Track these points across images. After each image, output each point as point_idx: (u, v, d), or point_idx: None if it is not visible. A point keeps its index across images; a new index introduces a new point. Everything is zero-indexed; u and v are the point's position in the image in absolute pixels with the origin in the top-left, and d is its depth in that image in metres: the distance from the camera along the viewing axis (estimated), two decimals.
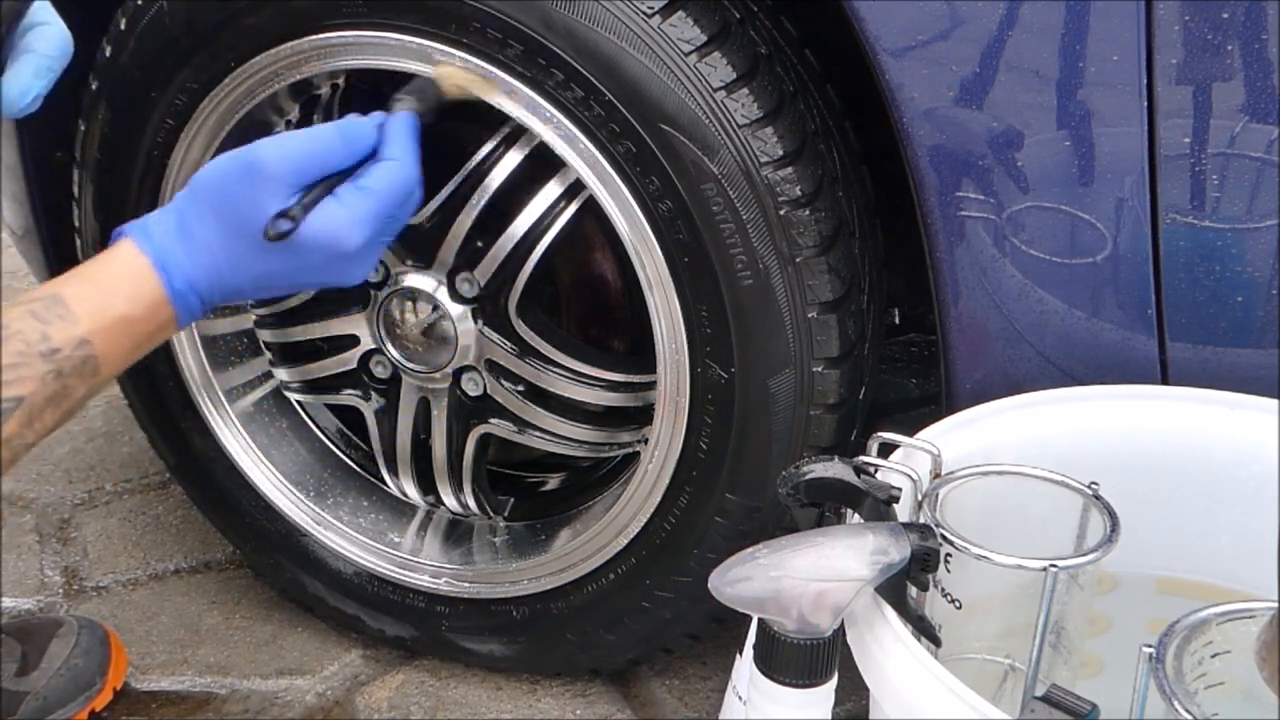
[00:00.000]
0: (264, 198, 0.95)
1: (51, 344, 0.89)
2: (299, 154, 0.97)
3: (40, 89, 1.03)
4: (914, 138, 1.03)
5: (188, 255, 0.96)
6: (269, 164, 0.96)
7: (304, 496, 1.44)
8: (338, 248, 0.97)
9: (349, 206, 0.97)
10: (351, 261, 1.00)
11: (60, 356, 0.89)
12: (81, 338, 0.91)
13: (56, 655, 1.38)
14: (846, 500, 0.92)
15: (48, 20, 1.04)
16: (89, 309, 0.92)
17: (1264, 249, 1.00)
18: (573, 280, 1.33)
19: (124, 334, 0.93)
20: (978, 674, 0.99)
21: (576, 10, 1.08)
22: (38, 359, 0.88)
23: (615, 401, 1.30)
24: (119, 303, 0.93)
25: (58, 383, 0.89)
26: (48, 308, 0.91)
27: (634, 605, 1.31)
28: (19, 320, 0.89)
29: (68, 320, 0.90)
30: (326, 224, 0.96)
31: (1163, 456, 1.05)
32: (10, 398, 0.86)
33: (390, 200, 0.99)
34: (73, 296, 0.92)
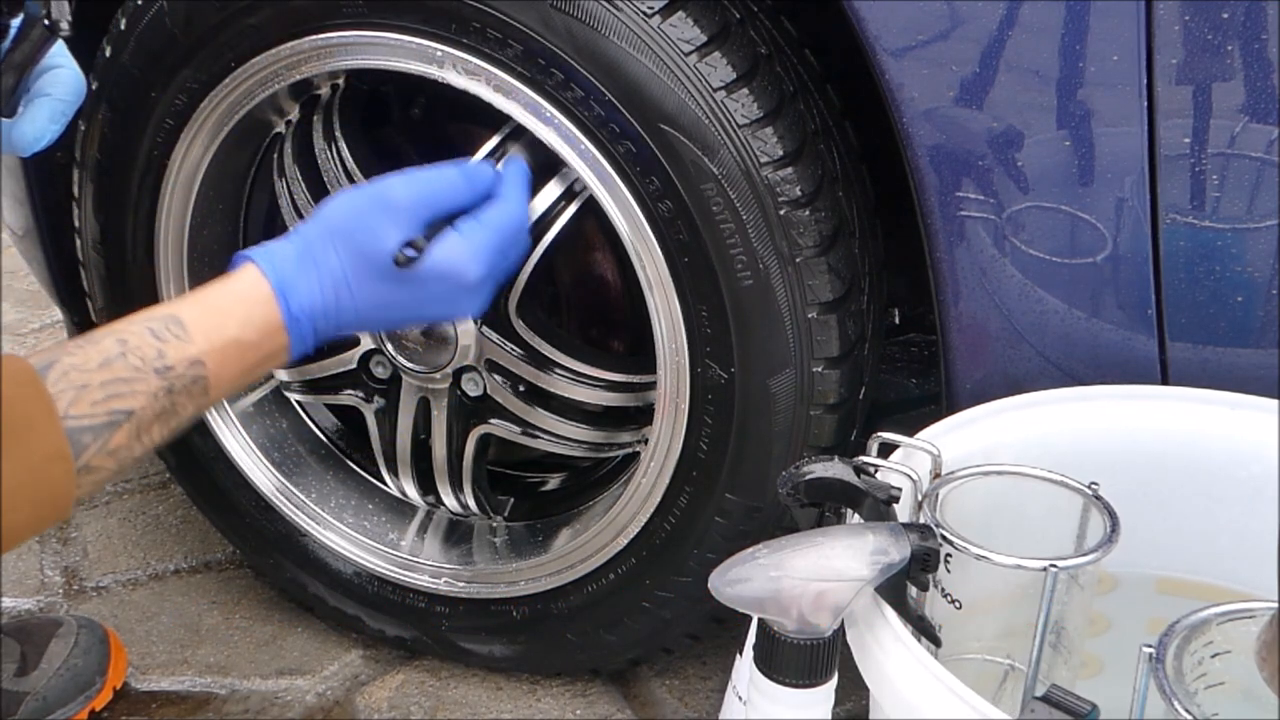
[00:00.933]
0: (390, 228, 0.99)
1: (166, 361, 0.90)
2: (426, 189, 1.02)
3: (54, 133, 1.04)
4: (914, 138, 1.03)
5: (308, 283, 0.98)
6: (398, 196, 1.00)
7: (304, 496, 1.44)
8: (458, 279, 1.02)
9: (470, 239, 1.02)
10: (468, 294, 1.04)
11: (173, 374, 0.91)
12: (195, 357, 0.92)
13: (56, 655, 1.38)
14: (846, 500, 0.92)
15: (62, 64, 1.05)
16: (204, 329, 0.93)
17: (1264, 249, 1.00)
18: (573, 280, 1.33)
19: (236, 357, 0.95)
20: (978, 674, 0.99)
21: (576, 10, 1.08)
22: (152, 375, 0.89)
23: (615, 402, 1.30)
24: (233, 326, 0.95)
25: (168, 399, 0.90)
26: (165, 326, 0.92)
27: (634, 605, 1.31)
28: (136, 336, 0.90)
29: (183, 340, 0.92)
30: (449, 254, 1.01)
31: (1163, 456, 1.05)
32: (122, 410, 0.87)
33: (505, 236, 1.05)
34: (190, 317, 0.93)
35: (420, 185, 1.02)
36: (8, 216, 1.57)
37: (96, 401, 0.86)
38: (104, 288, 1.41)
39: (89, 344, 0.88)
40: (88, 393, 0.85)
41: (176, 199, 1.32)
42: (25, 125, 1.03)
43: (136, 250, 1.36)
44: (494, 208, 1.05)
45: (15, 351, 2.17)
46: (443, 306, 1.05)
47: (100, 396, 0.86)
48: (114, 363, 0.88)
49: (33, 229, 1.51)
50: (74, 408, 0.84)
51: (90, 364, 0.87)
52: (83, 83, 1.06)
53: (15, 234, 1.59)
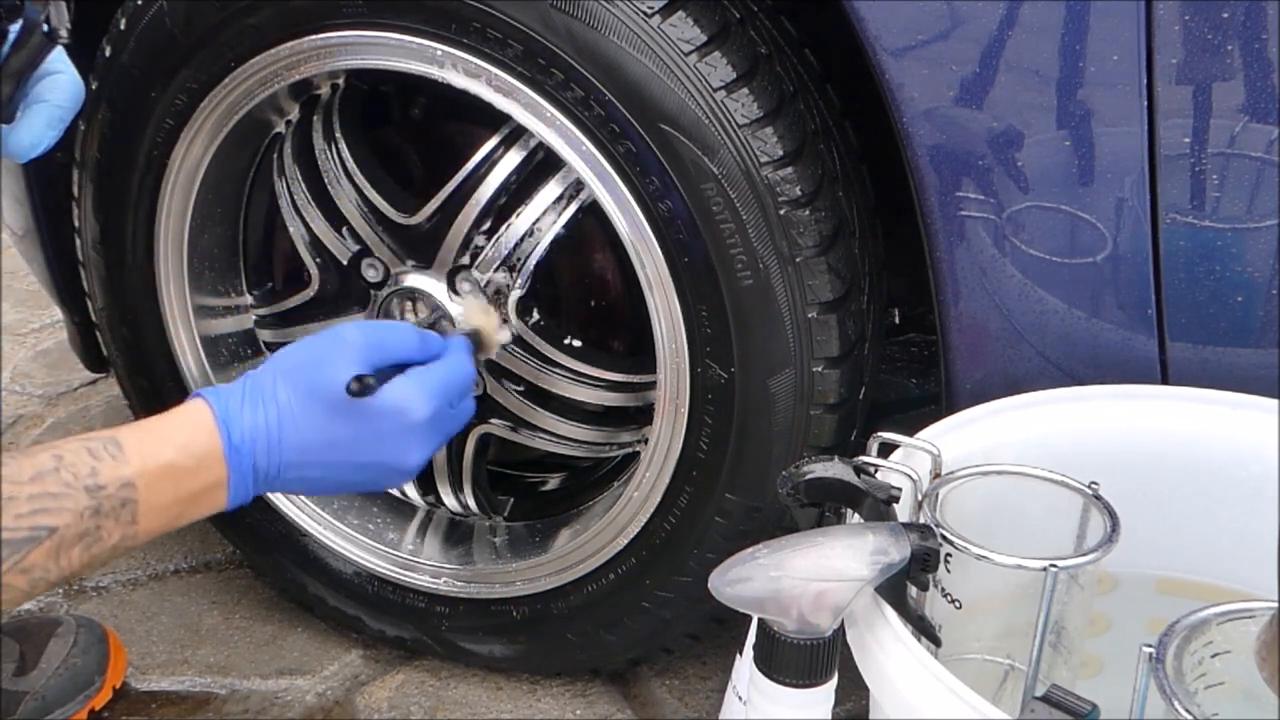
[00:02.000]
0: (342, 364, 1.00)
1: (98, 479, 0.90)
2: (377, 334, 1.04)
3: (52, 139, 1.04)
4: (914, 138, 1.02)
5: (252, 414, 0.98)
6: (350, 337, 1.02)
7: (304, 496, 1.44)
8: (406, 416, 1.01)
9: (419, 382, 1.03)
10: (415, 436, 1.03)
11: (103, 494, 0.90)
12: (127, 479, 0.91)
13: (55, 655, 1.38)
14: (846, 500, 0.92)
15: (61, 70, 1.04)
16: (140, 452, 0.93)
17: (1264, 249, 1.00)
18: (573, 280, 1.33)
19: (169, 484, 0.94)
20: (978, 674, 0.99)
21: (576, 10, 1.08)
22: (81, 493, 0.89)
23: (615, 401, 1.30)
24: (170, 450, 0.94)
25: (94, 520, 0.90)
26: (103, 446, 0.92)
27: (634, 605, 1.31)
28: (72, 454, 0.90)
29: (118, 460, 0.91)
30: (399, 391, 1.01)
31: (1163, 456, 1.05)
32: (45, 526, 0.87)
33: (452, 386, 1.06)
34: (130, 440, 0.93)
35: (372, 330, 1.04)
36: (8, 216, 1.57)
37: (20, 515, 0.86)
38: (104, 288, 1.41)
39: (25, 457, 0.88)
40: (13, 504, 0.85)
41: (176, 199, 1.32)
42: (22, 131, 1.02)
43: (136, 250, 1.36)
44: (442, 362, 1.06)
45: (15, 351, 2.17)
46: (388, 449, 1.03)
47: (26, 510, 0.86)
48: (45, 476, 0.88)
49: (33, 229, 1.51)
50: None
51: (22, 476, 0.87)
52: (81, 89, 1.06)
53: (15, 234, 1.59)
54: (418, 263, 1.27)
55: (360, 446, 1.02)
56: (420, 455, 1.04)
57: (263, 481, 1.00)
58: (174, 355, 1.40)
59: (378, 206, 1.27)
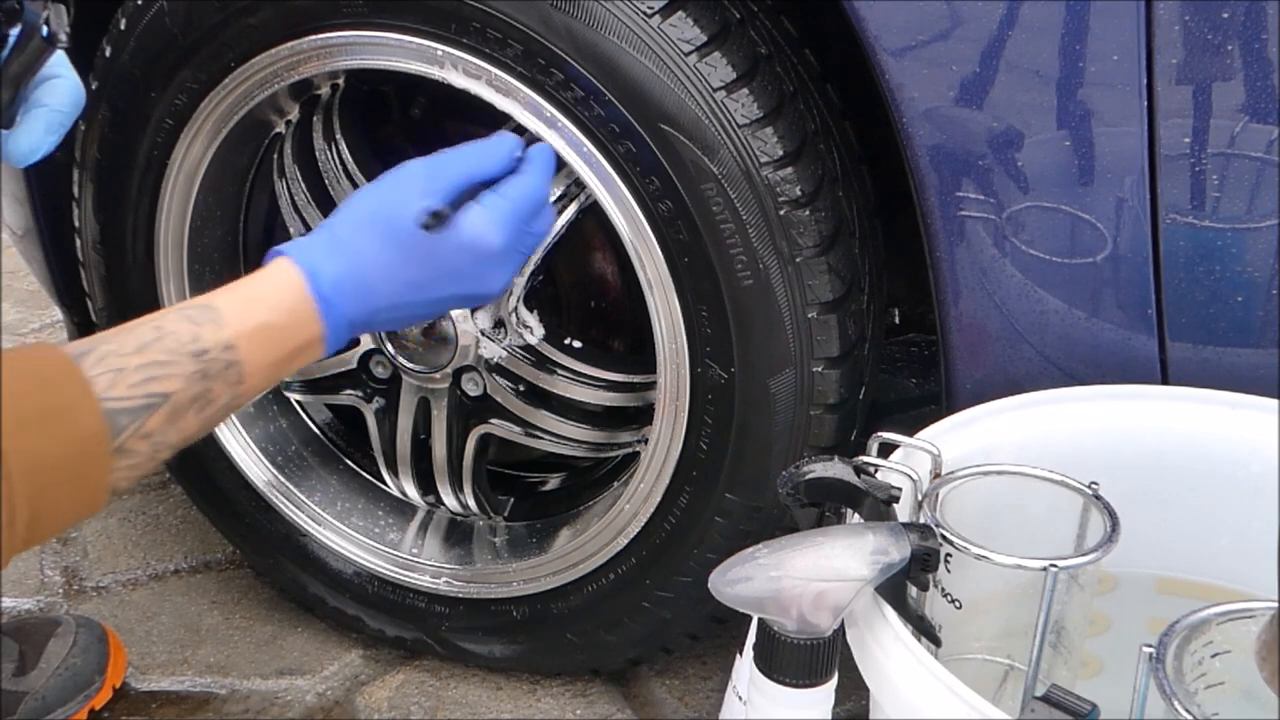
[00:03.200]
0: (413, 199, 1.00)
1: (201, 345, 0.92)
2: (445, 162, 1.03)
3: (51, 144, 1.04)
4: (914, 138, 1.03)
5: (336, 264, 0.99)
6: (417, 170, 1.02)
7: (304, 496, 1.44)
8: (480, 247, 1.02)
9: (491, 209, 1.03)
10: (493, 266, 1.04)
11: (208, 358, 0.92)
12: (228, 342, 0.93)
13: (55, 654, 1.38)
14: (846, 500, 0.92)
15: (61, 73, 1.04)
16: (237, 314, 0.94)
17: (1264, 249, 1.00)
18: (573, 280, 1.33)
19: (268, 341, 0.95)
20: (978, 674, 0.99)
21: (576, 10, 1.08)
22: (187, 358, 0.91)
23: (615, 401, 1.30)
24: (263, 310, 0.96)
25: (203, 384, 0.91)
26: (201, 312, 0.94)
27: (634, 605, 1.31)
28: (173, 322, 0.92)
29: (218, 324, 0.93)
30: (473, 222, 1.02)
31: (1163, 456, 1.05)
32: (159, 393, 0.89)
33: (525, 207, 1.05)
34: (224, 304, 0.95)
35: (439, 159, 1.04)
36: (8, 216, 1.57)
37: (133, 384, 0.87)
38: (104, 288, 1.41)
39: (125, 332, 0.90)
40: (124, 375, 0.87)
41: (176, 199, 1.32)
42: (21, 136, 1.02)
43: (136, 250, 1.36)
44: (515, 181, 1.06)
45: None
46: (468, 281, 1.04)
47: (137, 379, 0.88)
48: (150, 347, 0.89)
49: (33, 229, 1.51)
50: (111, 390, 0.86)
51: (126, 349, 0.88)
52: (81, 93, 1.06)
53: (15, 234, 1.59)
54: None
55: (445, 280, 1.03)
56: (503, 280, 1.06)
57: (356, 326, 1.02)
58: None
59: None
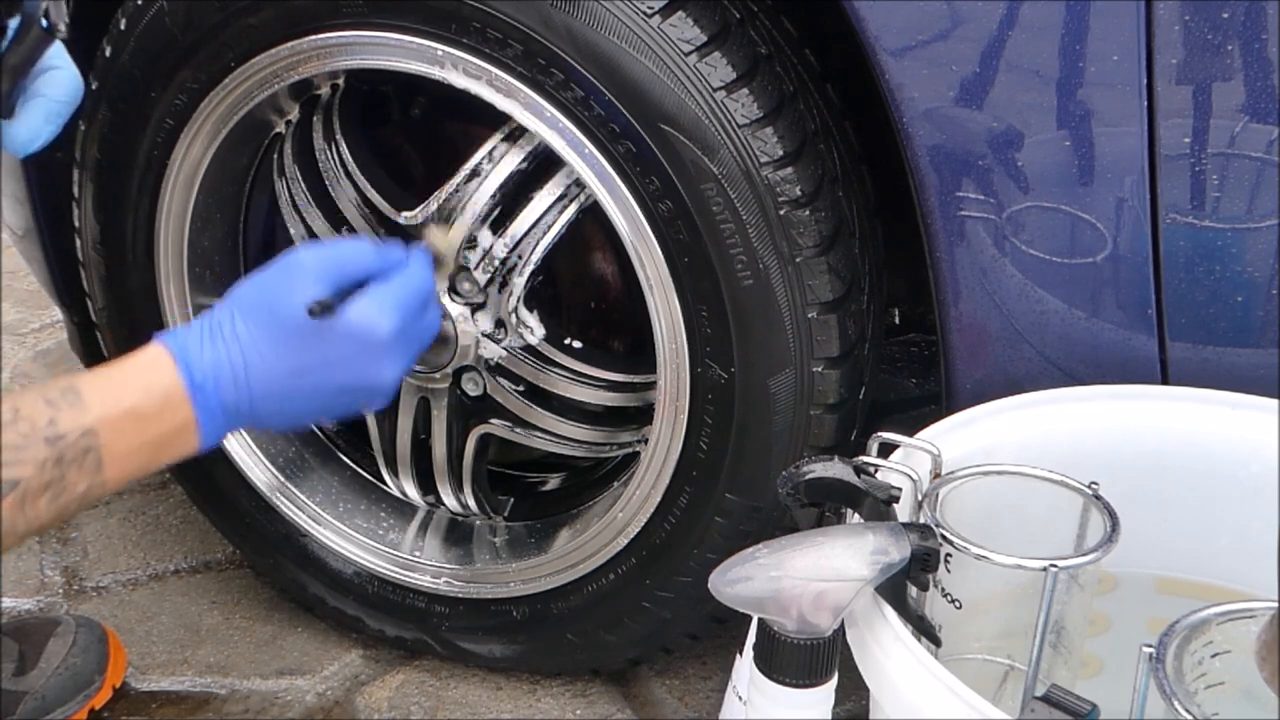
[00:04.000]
0: (300, 287, 0.98)
1: (57, 429, 0.89)
2: (333, 253, 1.01)
3: (49, 134, 1.04)
4: (914, 138, 1.03)
5: (213, 350, 0.96)
6: (305, 261, 1.00)
7: (304, 496, 1.44)
8: (369, 335, 0.99)
9: (376, 296, 1.00)
10: (382, 355, 1.01)
11: (64, 444, 0.89)
12: (88, 427, 0.90)
13: (54, 654, 1.38)
14: (846, 500, 0.92)
15: (60, 65, 1.04)
16: (100, 399, 0.91)
17: (1264, 249, 1.00)
18: (573, 280, 1.33)
19: (133, 429, 0.92)
20: (978, 674, 0.99)
21: (576, 10, 1.08)
22: (41, 443, 0.88)
23: (615, 401, 1.30)
24: (130, 395, 0.92)
25: (57, 470, 0.88)
26: (62, 395, 0.90)
27: (634, 605, 1.31)
28: (29, 405, 0.89)
29: (77, 408, 0.90)
30: (362, 310, 0.99)
31: (1163, 456, 1.05)
32: (9, 479, 0.86)
33: (412, 298, 1.03)
34: (88, 388, 0.91)
35: (327, 250, 1.02)
36: (8, 216, 1.57)
37: None
38: (104, 288, 1.41)
39: None
40: None
41: (176, 199, 1.32)
42: (20, 126, 1.02)
43: (136, 250, 1.36)
44: (402, 276, 1.03)
45: (15, 351, 2.17)
46: (359, 369, 1.01)
47: None
48: (4, 429, 0.86)
49: (33, 229, 1.51)
50: None
51: None
52: (80, 84, 1.06)
53: (15, 234, 1.59)
54: None
55: (330, 369, 1.00)
56: (393, 372, 1.02)
57: (234, 417, 0.98)
58: None
59: (378, 206, 1.27)
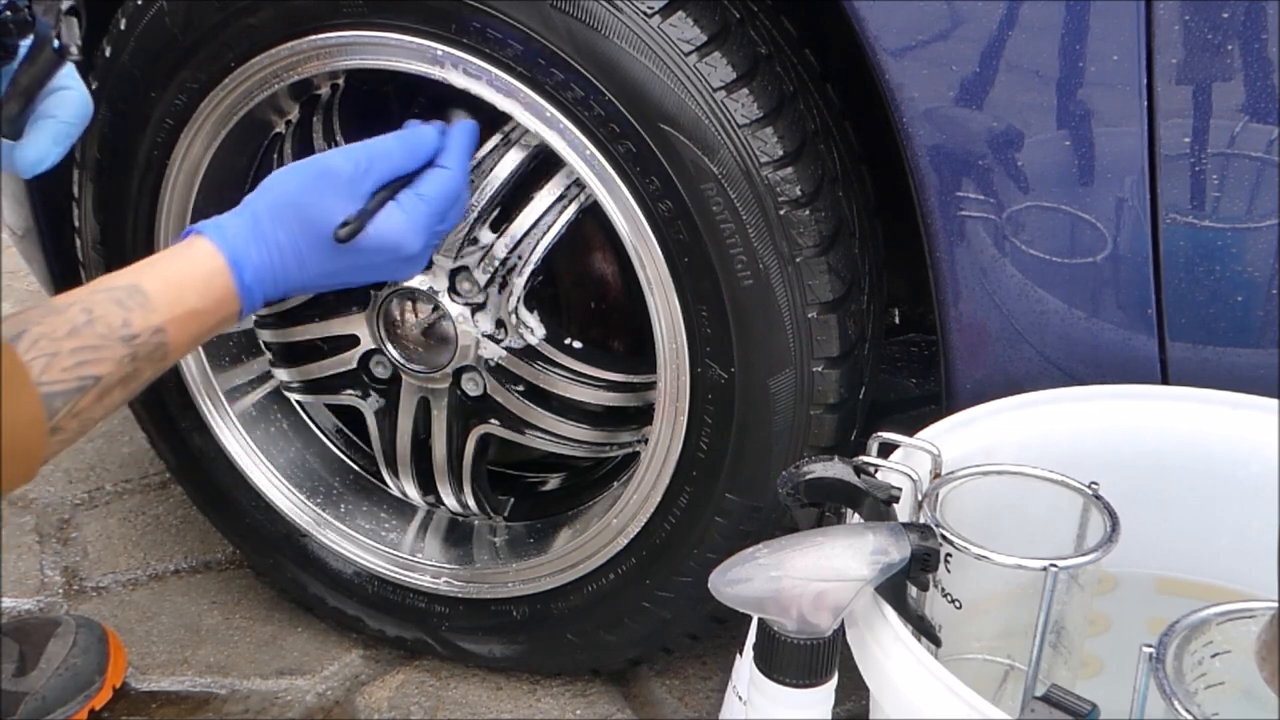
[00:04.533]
0: (333, 201, 1.04)
1: (132, 330, 0.96)
2: (366, 161, 1.06)
3: (57, 155, 1.06)
4: (914, 138, 1.03)
5: (259, 255, 1.03)
6: (338, 169, 1.05)
7: (304, 497, 1.44)
8: (399, 251, 1.07)
9: (409, 212, 1.07)
10: (410, 262, 1.10)
11: (138, 342, 0.96)
12: (158, 326, 0.97)
13: (55, 655, 1.38)
14: (846, 500, 0.92)
15: (70, 86, 1.06)
16: (167, 300, 0.98)
17: (1264, 249, 1.00)
18: (573, 280, 1.33)
19: (194, 324, 1.01)
20: (978, 674, 0.99)
21: (576, 10, 1.08)
22: (118, 343, 0.94)
23: (615, 401, 1.30)
24: (193, 297, 1.00)
25: (131, 365, 0.96)
26: (129, 295, 0.97)
27: (634, 605, 1.31)
28: (102, 305, 0.95)
29: (147, 309, 0.97)
30: (390, 228, 1.06)
31: (1163, 456, 1.05)
32: (91, 375, 0.92)
33: (443, 206, 1.10)
34: (152, 288, 0.98)
35: (360, 156, 1.06)
36: (8, 216, 1.57)
37: (67, 368, 0.91)
38: None
39: (54, 313, 0.93)
40: (58, 360, 0.90)
41: (176, 199, 1.32)
42: (28, 147, 1.04)
43: (136, 250, 1.36)
44: (433, 177, 1.09)
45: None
46: (384, 273, 1.11)
47: (70, 363, 0.91)
48: (81, 331, 0.93)
49: (33, 229, 1.51)
50: (46, 374, 0.89)
51: (59, 332, 0.91)
52: (89, 106, 1.08)
53: (15, 234, 1.59)
54: None
55: (360, 272, 1.09)
56: (416, 270, 1.13)
57: (270, 300, 1.07)
58: None
59: None
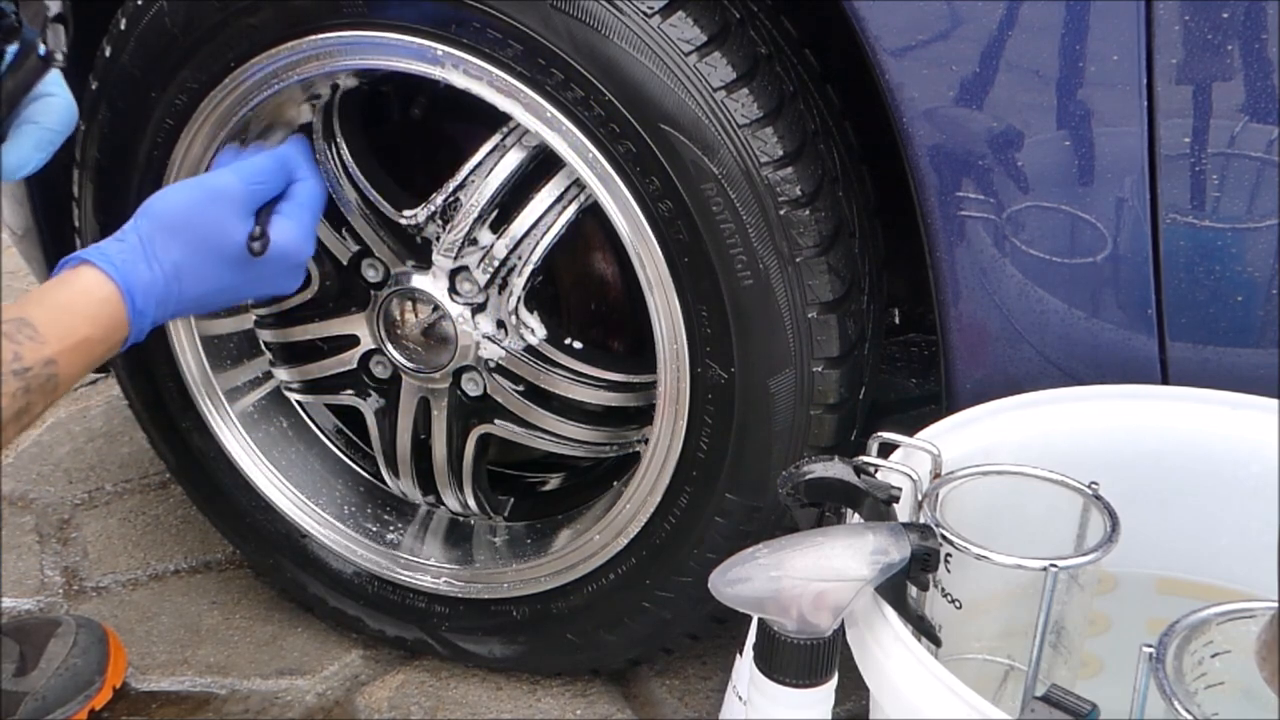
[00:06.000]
0: (230, 219, 1.10)
1: (23, 363, 0.97)
2: (253, 180, 1.13)
3: (39, 161, 1.07)
4: (914, 138, 1.02)
5: (151, 278, 1.06)
6: (231, 188, 1.11)
7: (305, 497, 1.44)
8: (295, 258, 1.15)
9: (298, 221, 1.15)
10: (299, 270, 1.17)
11: (30, 375, 0.97)
12: (49, 357, 0.98)
13: (55, 655, 1.38)
14: (846, 500, 0.92)
15: (55, 92, 1.06)
16: (56, 332, 1.00)
17: (1264, 249, 1.00)
18: (573, 280, 1.33)
19: (84, 353, 1.02)
20: (978, 674, 0.99)
21: (576, 10, 1.08)
22: (10, 377, 0.95)
23: (615, 401, 1.30)
24: (83, 326, 1.02)
25: (24, 399, 0.97)
26: (18, 329, 0.98)
27: (634, 605, 1.31)
28: None
29: (37, 341, 0.98)
30: (288, 238, 1.14)
31: (1163, 456, 1.05)
32: None
33: (318, 212, 1.19)
34: (40, 319, 1.00)
35: (249, 177, 1.13)
36: (8, 216, 1.57)
37: None
38: None
39: None
40: None
41: None
42: (10, 152, 1.05)
43: None
44: (302, 189, 1.17)
45: None
46: (273, 285, 1.17)
47: None
48: None
49: (33, 229, 1.51)
50: None
51: None
52: (74, 112, 1.08)
53: (15, 234, 1.59)
54: (418, 263, 1.27)
55: (255, 284, 1.15)
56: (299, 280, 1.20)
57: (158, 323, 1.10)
58: (174, 355, 1.40)
59: (378, 206, 1.27)
